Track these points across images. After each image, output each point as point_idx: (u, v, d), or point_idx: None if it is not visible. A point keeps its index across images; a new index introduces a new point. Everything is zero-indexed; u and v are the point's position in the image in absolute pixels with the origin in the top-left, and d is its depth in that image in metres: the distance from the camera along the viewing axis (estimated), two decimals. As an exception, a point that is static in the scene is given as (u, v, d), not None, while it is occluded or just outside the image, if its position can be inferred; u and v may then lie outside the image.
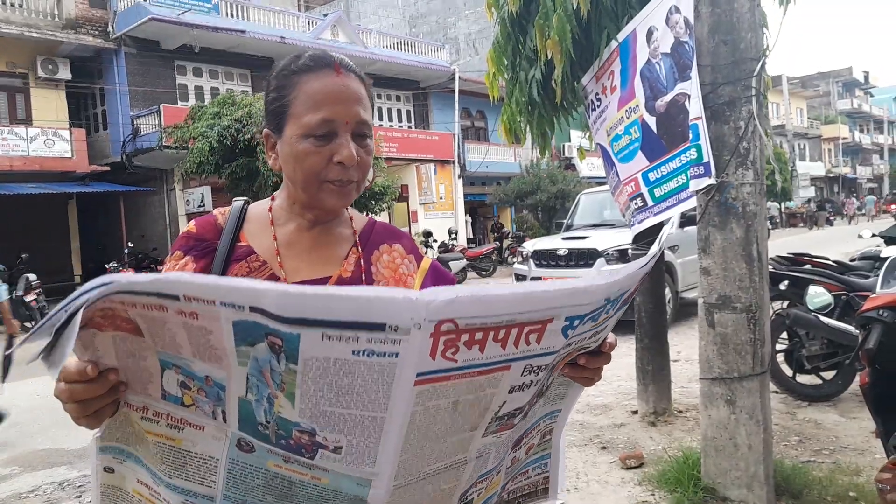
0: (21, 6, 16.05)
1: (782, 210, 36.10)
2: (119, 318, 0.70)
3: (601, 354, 0.87)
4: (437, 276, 1.18)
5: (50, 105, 16.64)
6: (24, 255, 13.57)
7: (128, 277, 0.66)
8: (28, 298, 11.93)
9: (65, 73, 16.70)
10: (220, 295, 0.64)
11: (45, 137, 15.66)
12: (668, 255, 8.26)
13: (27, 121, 16.32)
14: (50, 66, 16.41)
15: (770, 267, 5.23)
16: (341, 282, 1.07)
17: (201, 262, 1.06)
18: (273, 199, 1.14)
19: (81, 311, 0.64)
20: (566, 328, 0.74)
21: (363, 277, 1.09)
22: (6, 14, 15.74)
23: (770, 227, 34.53)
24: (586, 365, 0.86)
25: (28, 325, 12.09)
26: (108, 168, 16.92)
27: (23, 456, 4.83)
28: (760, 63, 3.12)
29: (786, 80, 41.11)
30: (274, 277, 1.05)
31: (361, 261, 1.11)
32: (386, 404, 0.70)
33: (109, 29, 17.20)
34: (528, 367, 0.76)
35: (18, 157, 15.22)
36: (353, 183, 1.05)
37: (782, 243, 18.10)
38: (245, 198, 1.17)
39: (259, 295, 0.64)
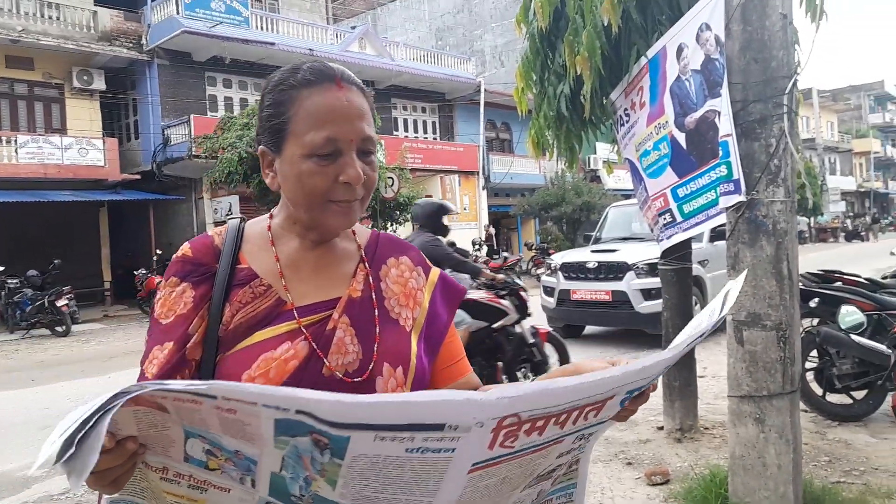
0: (58, 19, 16.49)
1: (812, 225, 35.59)
2: (143, 400, 0.64)
3: (644, 395, 0.84)
4: (446, 287, 1.14)
5: (84, 115, 17.03)
6: (56, 262, 13.87)
7: (158, 386, 0.61)
8: (59, 303, 12.17)
9: (99, 84, 17.09)
10: (263, 400, 0.61)
11: (80, 146, 16.04)
12: (698, 269, 8.21)
13: (62, 130, 16.73)
14: (85, 77, 16.80)
15: (800, 284, 5.19)
16: (351, 302, 1.01)
17: (200, 288, 0.98)
18: (271, 217, 1.08)
19: (111, 416, 0.58)
20: (624, 400, 0.74)
21: (373, 296, 1.04)
22: (44, 27, 16.17)
23: (800, 243, 34.05)
24: (629, 407, 0.82)
25: (59, 329, 12.37)
26: (138, 176, 17.28)
27: None
28: (792, 81, 3.11)
29: (816, 93, 40.60)
30: (280, 302, 0.98)
31: (370, 278, 1.06)
32: (435, 492, 0.67)
33: (143, 41, 17.58)
34: (580, 435, 0.75)
35: (53, 164, 15.60)
36: (357, 202, 0.99)
37: (813, 259, 17.83)
38: (241, 216, 1.11)
39: (307, 404, 0.60)
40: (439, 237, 5.61)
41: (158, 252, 16.26)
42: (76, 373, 8.50)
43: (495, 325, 5.56)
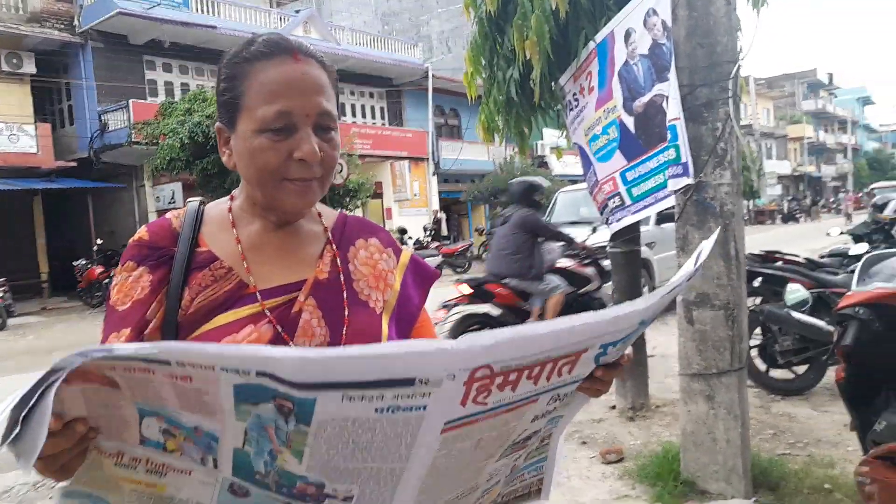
0: (-16, -2, 15.66)
1: (751, 208, 36.75)
2: (91, 374, 0.61)
3: (618, 366, 0.83)
4: (418, 269, 1.12)
5: (14, 100, 16.22)
6: (-12, 254, 13.26)
7: (107, 349, 0.57)
8: (-7, 298, 11.66)
9: (29, 67, 16.30)
10: (223, 361, 0.57)
11: (10, 133, 15.29)
12: (646, 252, 8.37)
13: (-9, 116, 15.93)
14: (14, 60, 16.00)
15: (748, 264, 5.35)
16: (317, 284, 0.98)
17: (158, 272, 0.94)
18: (232, 199, 1.05)
19: (53, 389, 0.54)
20: (599, 355, 0.72)
21: (341, 277, 1.01)
22: (-32, 6, 15.34)
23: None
24: (602, 377, 0.81)
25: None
26: (75, 164, 16.57)
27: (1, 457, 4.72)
28: (736, 66, 3.18)
29: (753, 80, 41.77)
30: (242, 285, 0.95)
31: (338, 259, 1.02)
32: (407, 455, 0.65)
33: (76, 23, 16.84)
34: (554, 395, 0.74)
35: (-18, 152, 14.87)
36: (314, 180, 0.95)
37: (752, 240, 18.43)
38: (200, 198, 1.06)
39: (271, 362, 0.56)
40: (534, 210, 6.08)
41: (99, 242, 15.71)
42: (10, 368, 8.15)
43: (581, 291, 6.20)
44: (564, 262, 6.30)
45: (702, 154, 3.20)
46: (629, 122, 3.81)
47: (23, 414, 0.54)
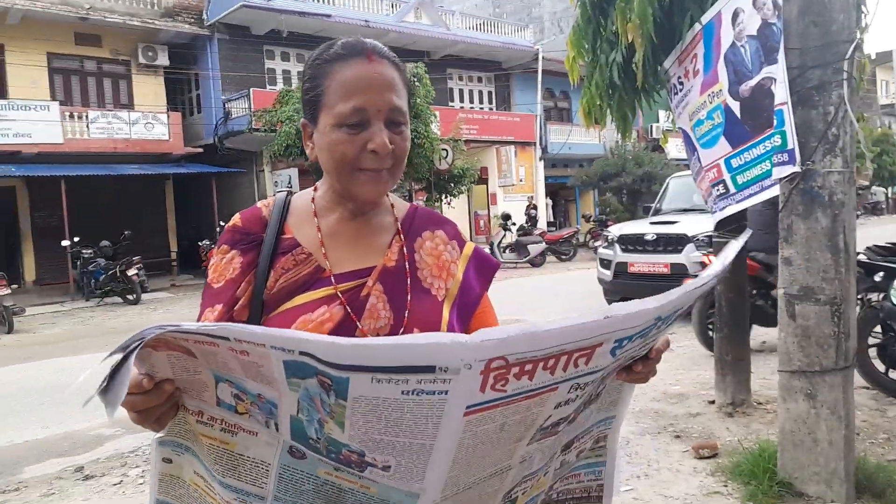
0: (124, -4, 16.96)
1: (890, 196, 33.89)
2: (172, 344, 0.73)
3: (650, 359, 0.87)
4: (480, 261, 1.17)
5: (149, 90, 17.57)
6: (126, 233, 14.48)
7: (176, 325, 0.68)
8: (130, 273, 12.74)
9: (163, 60, 17.58)
10: (270, 341, 0.67)
11: (146, 121, 16.59)
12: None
13: (129, 105, 17.31)
14: (150, 53, 17.29)
15: (865, 257, 4.99)
16: (385, 271, 1.07)
17: (248, 255, 1.05)
18: (315, 190, 1.15)
19: (135, 354, 0.66)
20: (615, 349, 0.74)
21: (406, 266, 1.09)
22: (110, 4, 16.68)
23: (876, 214, 32.51)
24: (640, 371, 0.87)
25: (130, 297, 12.96)
26: (201, 150, 17.76)
27: (126, 419, 5.21)
28: (853, 45, 2.97)
29: None
30: (319, 269, 1.05)
31: (404, 249, 1.10)
32: (435, 434, 0.71)
33: (204, 16, 17.93)
34: (574, 385, 0.76)
35: (122, 139, 16.22)
36: (385, 170, 1.03)
37: (891, 231, 16.94)
38: (289, 188, 1.18)
39: (308, 345, 0.65)
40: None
41: (221, 224, 16.71)
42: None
43: None
44: None
45: (811, 140, 3.03)
46: (735, 106, 3.66)
47: (110, 371, 0.66)
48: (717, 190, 3.97)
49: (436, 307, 1.08)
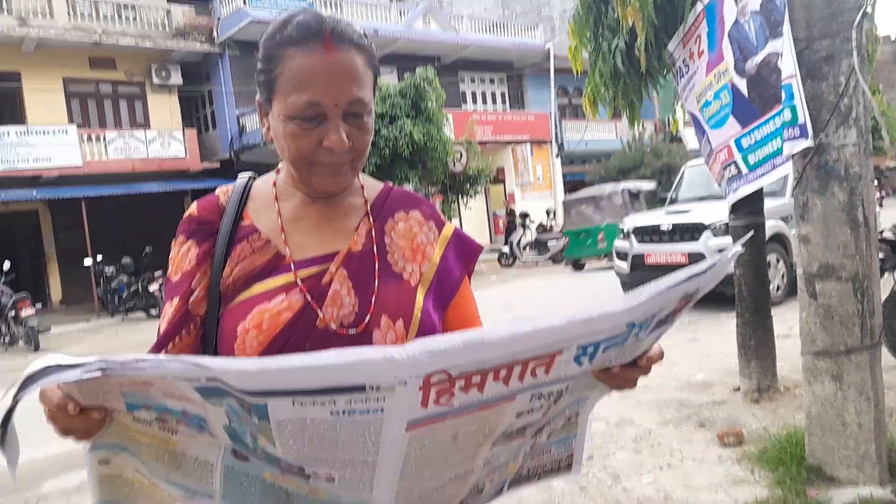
0: (135, 19, 17.19)
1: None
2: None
3: (637, 367, 0.79)
4: (460, 243, 1.10)
5: (164, 109, 17.79)
6: (147, 249, 14.64)
7: (53, 378, 0.59)
8: (152, 288, 12.86)
9: (176, 79, 17.80)
10: (171, 374, 0.60)
11: (162, 139, 16.81)
12: (781, 226, 7.80)
13: (145, 124, 17.54)
14: (163, 73, 17.51)
15: (892, 234, 4.84)
16: (350, 255, 1.00)
17: (204, 244, 1.00)
18: (277, 173, 1.07)
19: (19, 404, 0.59)
20: (579, 356, 0.67)
21: (374, 249, 1.01)
22: (122, 27, 16.91)
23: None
24: (619, 375, 0.78)
25: (153, 311, 13.10)
26: (218, 165, 17.98)
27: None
28: (861, 11, 2.87)
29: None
30: (279, 256, 0.98)
31: (373, 231, 1.03)
32: (376, 451, 0.64)
33: (214, 34, 18.12)
34: (535, 394, 0.69)
35: (139, 158, 16.45)
36: (345, 164, 0.97)
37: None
38: (251, 173, 1.10)
39: (211, 374, 0.57)
40: None
41: (240, 237, 16.86)
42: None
43: None
44: None
45: (823, 113, 2.93)
46: (742, 84, 3.56)
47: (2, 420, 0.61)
48: (730, 171, 3.87)
49: (408, 292, 1.00)
